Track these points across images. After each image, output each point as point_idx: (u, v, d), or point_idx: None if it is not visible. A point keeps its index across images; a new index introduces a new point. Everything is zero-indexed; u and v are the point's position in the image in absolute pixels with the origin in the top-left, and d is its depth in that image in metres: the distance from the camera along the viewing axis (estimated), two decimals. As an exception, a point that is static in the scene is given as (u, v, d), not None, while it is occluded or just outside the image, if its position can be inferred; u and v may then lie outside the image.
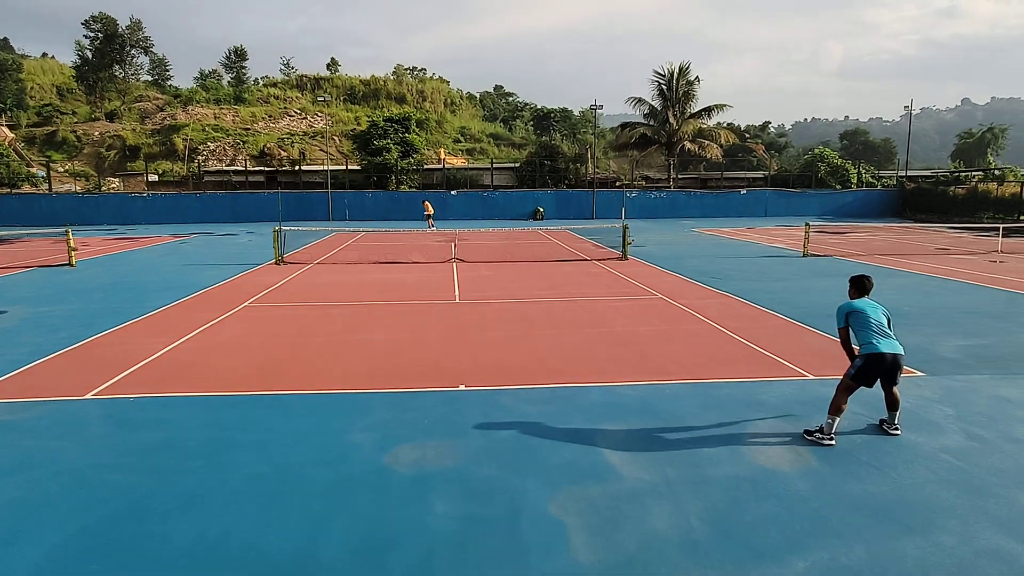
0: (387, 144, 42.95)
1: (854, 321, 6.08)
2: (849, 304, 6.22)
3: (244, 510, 4.85)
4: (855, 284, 6.46)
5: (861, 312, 6.07)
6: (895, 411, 6.18)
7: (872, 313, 6.06)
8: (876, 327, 5.97)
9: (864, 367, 5.91)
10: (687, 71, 46.26)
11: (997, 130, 72.23)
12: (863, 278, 6.46)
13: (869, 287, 6.38)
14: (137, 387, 7.61)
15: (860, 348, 6.00)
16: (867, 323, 5.99)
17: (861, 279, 6.45)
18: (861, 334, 6.00)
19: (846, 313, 6.16)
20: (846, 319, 6.14)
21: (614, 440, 6.09)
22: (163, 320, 11.27)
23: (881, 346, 5.87)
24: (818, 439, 5.96)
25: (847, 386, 5.99)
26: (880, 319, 6.05)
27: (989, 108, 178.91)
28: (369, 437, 6.17)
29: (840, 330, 6.22)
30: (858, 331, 6.03)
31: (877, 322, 6.01)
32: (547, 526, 4.61)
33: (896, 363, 5.94)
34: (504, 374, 8.14)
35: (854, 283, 6.48)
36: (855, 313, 6.10)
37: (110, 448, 5.98)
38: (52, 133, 56.59)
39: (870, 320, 6.00)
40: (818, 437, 5.98)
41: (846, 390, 6.00)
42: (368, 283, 15.36)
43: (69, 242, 18.58)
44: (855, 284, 6.46)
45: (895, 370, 5.96)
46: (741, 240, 26.62)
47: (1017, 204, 34.74)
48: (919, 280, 15.42)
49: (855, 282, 6.47)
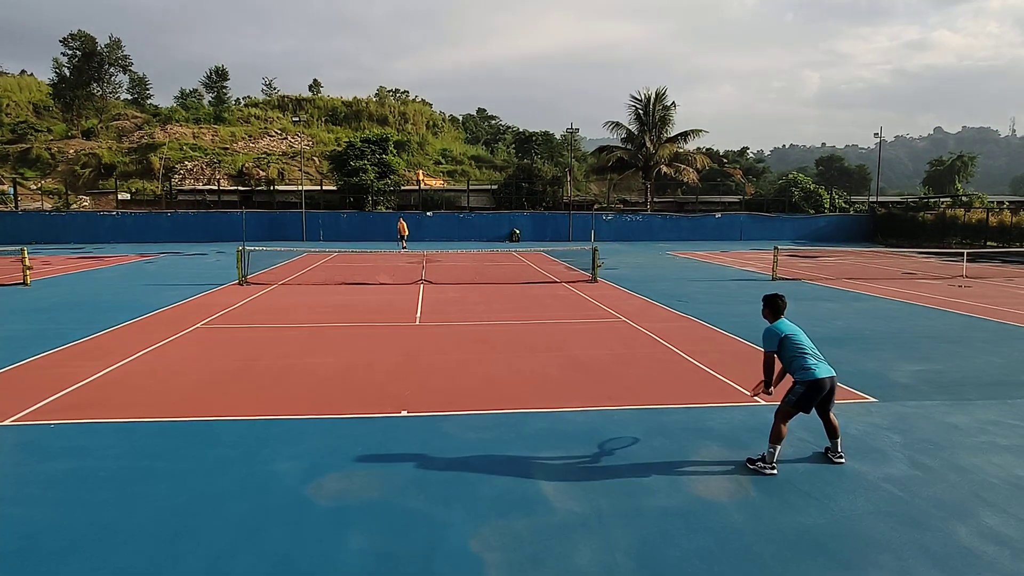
0: (364, 165, 42.86)
1: (788, 345, 5.79)
2: (778, 327, 5.92)
3: (144, 547, 4.54)
4: (770, 304, 6.04)
5: (794, 336, 5.83)
6: (836, 438, 6.01)
7: (803, 337, 5.87)
8: (811, 351, 5.80)
9: (805, 394, 5.72)
10: (663, 96, 46.97)
11: (967, 158, 74.04)
12: (777, 297, 6.05)
13: (783, 307, 6.01)
14: (60, 413, 7.25)
15: (796, 374, 5.79)
16: (802, 348, 5.78)
17: (775, 299, 6.04)
18: (798, 359, 5.76)
19: (779, 337, 5.84)
20: (779, 343, 5.84)
21: (551, 469, 5.86)
22: (108, 342, 10.88)
23: (819, 372, 5.69)
24: (760, 468, 5.77)
25: (786, 412, 5.81)
26: (810, 342, 5.87)
27: (960, 137, 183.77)
28: (295, 466, 5.89)
29: (767, 353, 5.88)
30: (793, 356, 5.78)
31: (811, 346, 5.85)
32: (464, 564, 4.36)
33: (833, 387, 5.79)
34: (451, 400, 7.89)
35: (769, 303, 6.05)
36: (788, 337, 5.82)
37: (13, 479, 5.62)
38: (26, 150, 55.74)
39: (805, 344, 5.80)
40: (760, 466, 5.79)
41: (785, 416, 5.81)
42: (329, 305, 15.06)
43: (24, 261, 18.07)
44: (770, 304, 6.04)
45: (832, 394, 5.81)
46: (713, 263, 26.72)
47: (983, 230, 35.43)
48: (882, 304, 15.48)
49: (770, 302, 6.04)
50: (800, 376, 5.75)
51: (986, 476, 5.74)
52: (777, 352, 5.87)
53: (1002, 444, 6.51)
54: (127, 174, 52.48)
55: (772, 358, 5.90)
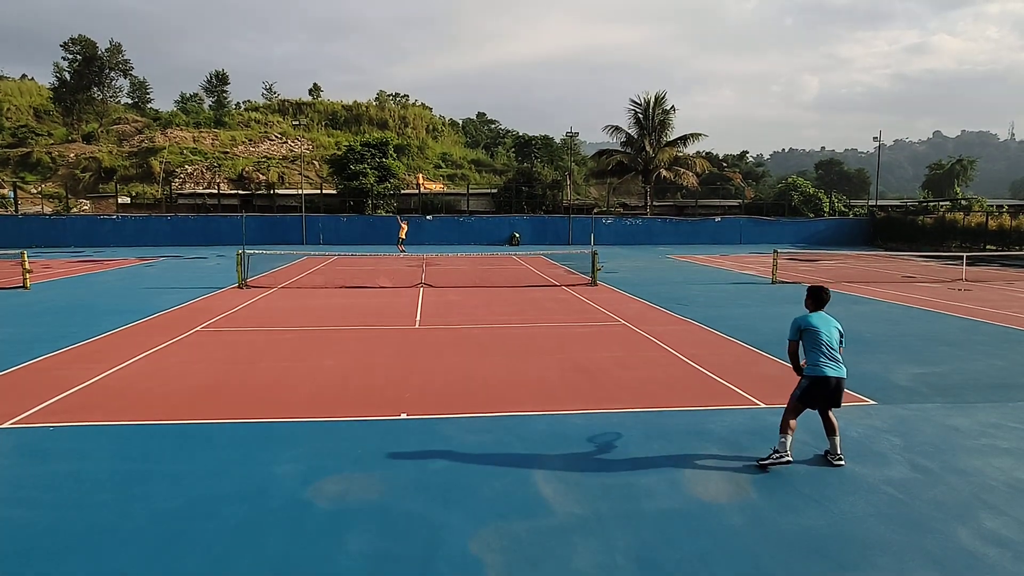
0: (364, 168, 42.92)
1: (806, 338, 5.99)
2: (805, 319, 6.07)
3: (142, 549, 4.53)
4: (812, 295, 6.25)
5: (815, 330, 5.97)
6: (834, 436, 6.07)
7: (825, 331, 5.96)
8: (826, 348, 5.90)
9: (808, 388, 5.89)
10: (663, 100, 47.09)
11: (966, 162, 74.23)
12: (821, 289, 6.23)
13: (826, 299, 6.18)
14: (59, 416, 7.24)
15: (807, 368, 5.94)
16: (818, 342, 5.92)
17: (819, 290, 6.23)
18: (811, 354, 5.95)
19: (800, 328, 6.03)
20: (799, 333, 6.02)
21: (551, 472, 5.85)
22: (106, 345, 10.88)
23: (826, 369, 5.82)
24: (775, 460, 5.85)
25: (794, 407, 5.96)
26: (832, 338, 5.96)
27: (959, 140, 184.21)
28: (294, 469, 5.87)
29: (791, 342, 6.09)
30: (808, 349, 5.98)
31: (828, 342, 5.92)
32: (464, 565, 4.35)
33: (839, 387, 5.89)
34: (450, 402, 7.88)
35: (811, 294, 6.27)
36: (809, 330, 5.98)
37: (11, 481, 5.60)
38: (27, 154, 55.84)
39: (821, 339, 5.92)
40: (774, 459, 5.86)
41: (793, 411, 5.96)
42: (329, 308, 15.06)
43: (24, 264, 18.07)
44: (812, 295, 6.25)
45: (837, 394, 5.90)
46: (713, 267, 26.73)
47: (982, 233, 35.45)
48: (883, 308, 15.48)
49: (812, 293, 6.24)
50: (807, 371, 5.92)
51: (986, 479, 5.73)
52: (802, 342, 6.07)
53: (1002, 447, 6.50)
54: (127, 178, 52.56)
55: (795, 347, 6.09)
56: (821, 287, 6.30)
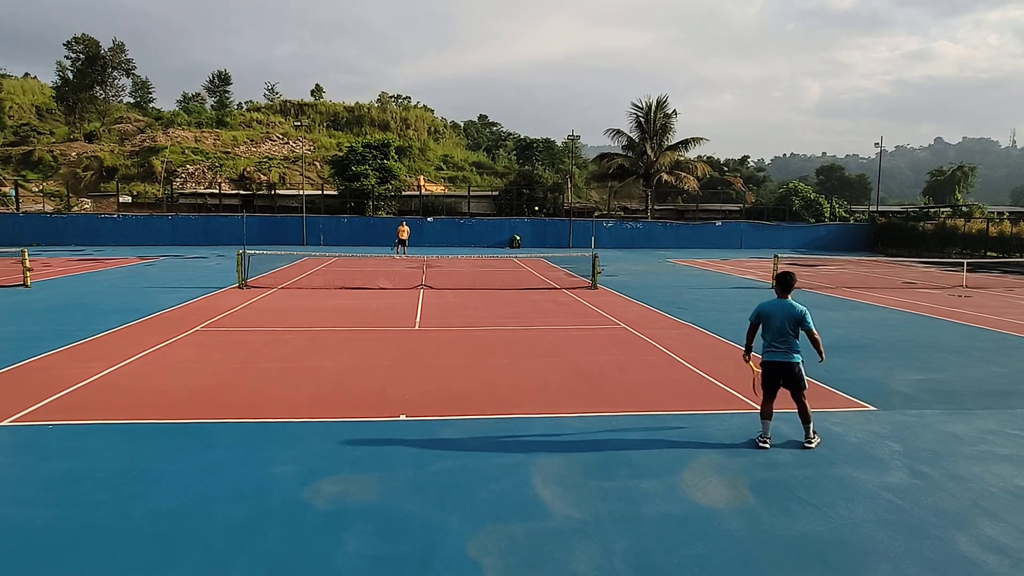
0: (365, 170, 42.91)
1: (762, 322, 6.51)
2: (763, 305, 6.60)
3: (140, 548, 4.52)
4: (778, 281, 6.66)
5: (767, 316, 6.45)
6: (806, 423, 6.47)
7: (777, 317, 6.39)
8: (773, 334, 6.38)
9: (761, 373, 6.52)
10: (664, 104, 47.13)
11: (967, 168, 74.10)
12: (785, 275, 6.67)
13: (791, 283, 6.56)
14: (58, 414, 7.24)
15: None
16: (768, 327, 6.41)
17: (783, 276, 6.66)
18: (762, 338, 6.50)
19: (757, 312, 6.60)
20: (757, 317, 6.57)
21: (550, 475, 5.85)
22: (106, 344, 10.88)
23: (768, 354, 6.41)
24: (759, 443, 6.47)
25: (761, 392, 6.53)
26: (782, 325, 6.34)
27: (961, 147, 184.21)
28: (293, 469, 5.87)
29: (750, 324, 6.65)
30: (762, 333, 6.51)
31: (777, 329, 6.36)
32: (461, 568, 4.34)
33: (790, 371, 6.32)
34: (449, 404, 7.88)
35: (777, 280, 6.69)
36: (762, 315, 6.51)
37: (10, 479, 5.60)
38: (28, 153, 55.85)
39: (772, 326, 6.39)
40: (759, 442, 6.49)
41: (763, 396, 6.53)
42: (329, 309, 15.06)
43: (24, 262, 18.08)
44: (778, 281, 6.66)
45: (790, 377, 6.33)
46: (713, 271, 26.73)
47: (983, 240, 35.47)
48: (882, 313, 15.47)
49: (778, 279, 6.69)
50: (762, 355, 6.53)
51: (985, 485, 5.73)
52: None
53: (1001, 453, 6.49)
54: (129, 177, 52.54)
55: (750, 328, 6.66)
56: (786, 272, 6.74)
